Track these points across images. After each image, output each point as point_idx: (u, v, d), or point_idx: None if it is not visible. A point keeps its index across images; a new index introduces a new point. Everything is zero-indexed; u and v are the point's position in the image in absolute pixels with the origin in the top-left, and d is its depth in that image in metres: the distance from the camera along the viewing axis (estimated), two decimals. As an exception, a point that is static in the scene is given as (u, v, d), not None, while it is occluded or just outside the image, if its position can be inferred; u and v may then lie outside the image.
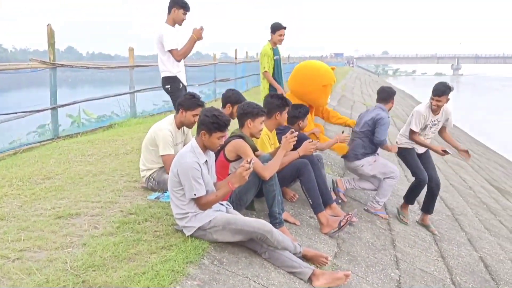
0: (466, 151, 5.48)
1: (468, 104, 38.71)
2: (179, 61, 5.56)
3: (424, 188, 5.52)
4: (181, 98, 4.49)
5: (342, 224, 4.26)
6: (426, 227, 5.68)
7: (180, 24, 5.60)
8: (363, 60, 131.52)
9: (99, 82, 14.97)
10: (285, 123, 4.89)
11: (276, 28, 6.75)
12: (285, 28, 6.79)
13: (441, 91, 5.28)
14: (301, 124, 5.24)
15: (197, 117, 4.39)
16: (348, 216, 4.30)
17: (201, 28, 5.46)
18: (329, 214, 4.47)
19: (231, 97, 4.77)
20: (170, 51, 5.43)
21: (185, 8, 5.50)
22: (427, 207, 5.66)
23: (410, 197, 5.64)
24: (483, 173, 12.43)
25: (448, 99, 5.34)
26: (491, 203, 8.77)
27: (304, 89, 5.88)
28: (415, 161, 5.53)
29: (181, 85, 5.67)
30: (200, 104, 4.39)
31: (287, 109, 4.67)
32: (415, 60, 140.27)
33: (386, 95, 5.66)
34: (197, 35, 5.48)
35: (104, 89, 12.61)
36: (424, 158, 5.63)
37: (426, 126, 5.48)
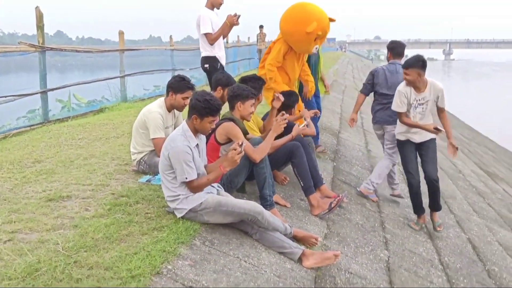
0: (455, 148, 4.93)
1: (459, 89, 38.93)
2: (211, 44, 5.81)
3: (417, 189, 5.11)
4: (170, 80, 4.47)
5: (332, 206, 4.30)
6: (433, 223, 5.21)
7: (218, 8, 5.86)
8: (355, 45, 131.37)
9: (89, 67, 14.89)
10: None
11: None
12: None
13: (409, 63, 4.71)
14: (293, 112, 5.23)
15: (187, 100, 4.41)
16: (338, 198, 4.34)
17: (235, 15, 5.65)
18: (319, 196, 4.52)
19: (222, 80, 4.77)
20: (204, 34, 5.71)
21: None
22: (431, 204, 5.20)
23: (414, 203, 5.26)
24: (473, 157, 12.55)
25: (420, 74, 4.68)
26: (480, 186, 8.87)
27: (288, 29, 5.55)
28: (406, 157, 5.10)
29: (219, 65, 5.92)
30: (190, 87, 4.38)
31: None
32: (407, 45, 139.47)
33: (401, 50, 5.45)
34: (230, 21, 5.67)
35: (94, 74, 12.53)
36: (423, 149, 5.10)
37: (411, 106, 4.88)
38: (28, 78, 9.72)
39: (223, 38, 5.99)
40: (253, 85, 4.53)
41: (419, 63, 4.66)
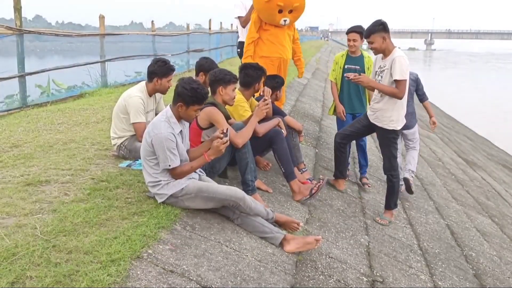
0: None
1: (438, 78, 39.39)
2: (243, 27, 6.35)
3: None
4: (153, 66, 4.39)
5: (313, 191, 4.31)
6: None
7: None
8: (337, 34, 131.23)
9: (68, 52, 14.60)
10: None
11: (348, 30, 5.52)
12: (355, 32, 5.36)
13: (370, 30, 4.41)
14: (278, 95, 5.20)
15: (171, 81, 4.38)
16: (319, 184, 4.36)
17: None
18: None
19: (204, 65, 4.72)
20: (237, 18, 6.40)
21: None
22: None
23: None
24: (452, 145, 12.71)
25: (384, 37, 4.35)
26: (459, 174, 9.00)
27: (255, 2, 5.61)
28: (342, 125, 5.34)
29: None
30: (173, 69, 4.40)
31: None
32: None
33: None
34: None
35: (74, 59, 12.30)
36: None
37: (375, 74, 4.61)
38: (6, 63, 9.50)
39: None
40: (252, 73, 4.54)
41: (380, 27, 4.36)
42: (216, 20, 26.91)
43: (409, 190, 5.75)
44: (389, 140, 4.61)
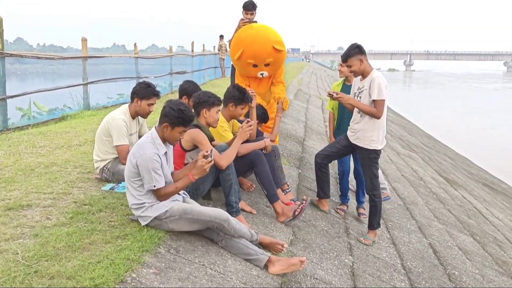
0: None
1: (417, 98, 40.16)
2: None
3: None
4: (135, 87, 4.43)
5: (296, 213, 4.33)
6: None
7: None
8: (319, 56, 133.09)
9: (50, 74, 14.51)
10: (240, 118, 4.69)
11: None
12: (343, 60, 4.71)
13: (346, 54, 4.51)
14: (263, 126, 5.22)
15: (152, 106, 4.40)
16: (302, 205, 4.37)
17: (242, 19, 6.01)
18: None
19: (188, 89, 4.74)
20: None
21: (246, 8, 6.08)
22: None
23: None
24: (433, 164, 12.88)
25: (361, 60, 4.45)
26: (440, 193, 9.10)
27: (231, 55, 5.64)
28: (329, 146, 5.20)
29: None
30: (156, 93, 4.36)
31: (244, 105, 4.59)
32: (369, 56, 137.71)
33: None
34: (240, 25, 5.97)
35: (55, 82, 12.25)
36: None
37: (355, 96, 4.65)
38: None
39: None
40: (232, 91, 4.55)
41: (356, 50, 4.45)
42: (199, 42, 27.10)
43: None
44: (370, 160, 4.66)
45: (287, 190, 4.99)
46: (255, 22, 6.06)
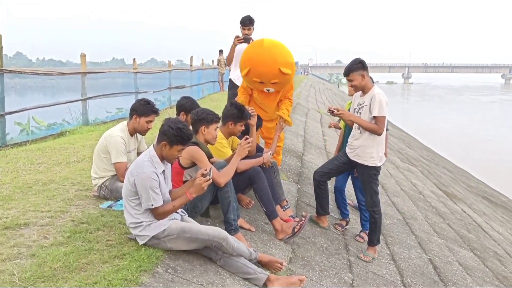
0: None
1: (416, 110, 40.29)
2: (228, 65, 6.74)
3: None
4: (134, 104, 4.43)
5: (295, 230, 4.31)
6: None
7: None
8: (317, 69, 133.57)
9: (49, 89, 14.54)
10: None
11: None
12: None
13: (349, 69, 4.52)
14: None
15: (151, 123, 4.39)
16: (301, 222, 4.35)
17: (237, 36, 6.19)
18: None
19: (185, 105, 4.75)
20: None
21: (243, 24, 6.26)
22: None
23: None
24: (432, 178, 12.86)
25: (363, 75, 4.47)
26: (440, 207, 9.08)
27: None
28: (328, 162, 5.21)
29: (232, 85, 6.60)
30: (155, 110, 4.36)
31: (243, 123, 4.59)
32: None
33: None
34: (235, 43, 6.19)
35: (54, 96, 12.26)
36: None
37: (354, 111, 4.67)
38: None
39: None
40: (230, 109, 4.57)
41: (358, 65, 4.47)
42: (197, 57, 27.25)
43: None
44: (370, 176, 4.66)
45: (286, 207, 4.97)
46: (250, 38, 6.08)
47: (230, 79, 6.72)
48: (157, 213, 3.30)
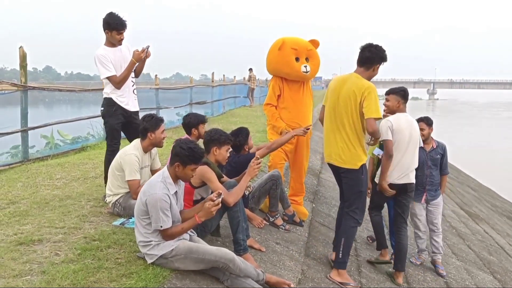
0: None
1: (440, 127, 39.65)
2: (119, 88, 5.01)
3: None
4: (142, 124, 4.52)
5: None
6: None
7: (119, 44, 5.04)
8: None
9: (76, 102, 14.87)
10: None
11: None
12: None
13: (392, 90, 4.95)
14: (247, 147, 5.02)
15: (165, 132, 4.56)
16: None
17: (143, 50, 4.99)
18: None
19: (192, 122, 4.95)
20: (106, 78, 4.96)
21: (117, 29, 4.92)
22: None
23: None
24: (454, 196, 12.63)
25: (399, 102, 4.84)
26: (460, 227, 8.90)
27: (268, 59, 5.58)
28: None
29: (114, 109, 5.07)
30: (161, 119, 4.56)
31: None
32: (392, 84, 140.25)
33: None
34: (137, 58, 4.98)
35: (81, 109, 12.52)
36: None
37: None
38: (15, 114, 9.68)
39: (136, 76, 5.28)
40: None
41: (401, 92, 4.87)
42: (219, 72, 27.59)
43: None
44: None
45: (276, 216, 5.14)
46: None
47: (106, 98, 5.13)
48: (166, 234, 3.35)
